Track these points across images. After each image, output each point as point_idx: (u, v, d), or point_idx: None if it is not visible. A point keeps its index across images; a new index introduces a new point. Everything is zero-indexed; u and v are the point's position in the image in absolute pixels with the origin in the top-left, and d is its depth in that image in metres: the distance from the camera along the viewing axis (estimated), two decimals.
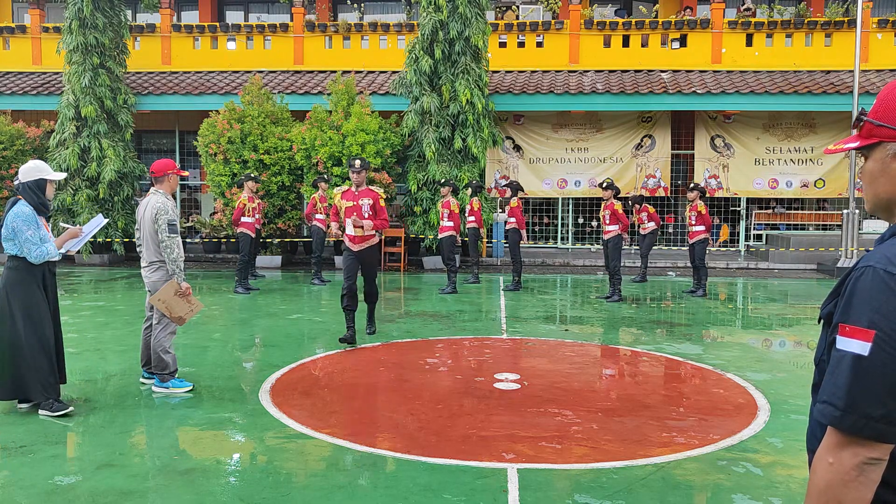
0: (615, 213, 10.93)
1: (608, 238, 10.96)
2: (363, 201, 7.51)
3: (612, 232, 10.92)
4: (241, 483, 4.06)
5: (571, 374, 6.54)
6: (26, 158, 15.44)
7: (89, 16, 15.15)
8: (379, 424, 5.07)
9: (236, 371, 6.69)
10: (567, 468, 4.28)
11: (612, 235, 10.92)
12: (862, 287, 1.34)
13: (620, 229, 10.96)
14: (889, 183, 1.44)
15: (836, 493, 1.33)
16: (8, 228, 5.06)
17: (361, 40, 17.62)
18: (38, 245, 5.05)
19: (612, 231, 10.92)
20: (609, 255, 10.93)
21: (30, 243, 5.03)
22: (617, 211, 10.94)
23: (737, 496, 3.92)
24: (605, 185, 11.17)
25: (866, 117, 1.46)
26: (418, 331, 8.48)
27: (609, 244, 10.93)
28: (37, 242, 5.05)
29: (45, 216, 5.29)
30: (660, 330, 8.72)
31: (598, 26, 17.06)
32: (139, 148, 18.29)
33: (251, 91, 15.05)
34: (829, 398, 1.35)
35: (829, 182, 16.69)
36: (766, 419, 5.24)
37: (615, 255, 10.86)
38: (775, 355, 7.63)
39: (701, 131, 16.89)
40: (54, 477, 4.08)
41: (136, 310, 9.72)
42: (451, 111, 14.62)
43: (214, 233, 15.97)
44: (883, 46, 16.54)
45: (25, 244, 5.02)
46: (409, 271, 14.68)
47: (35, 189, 5.19)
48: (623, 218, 11.03)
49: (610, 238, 10.93)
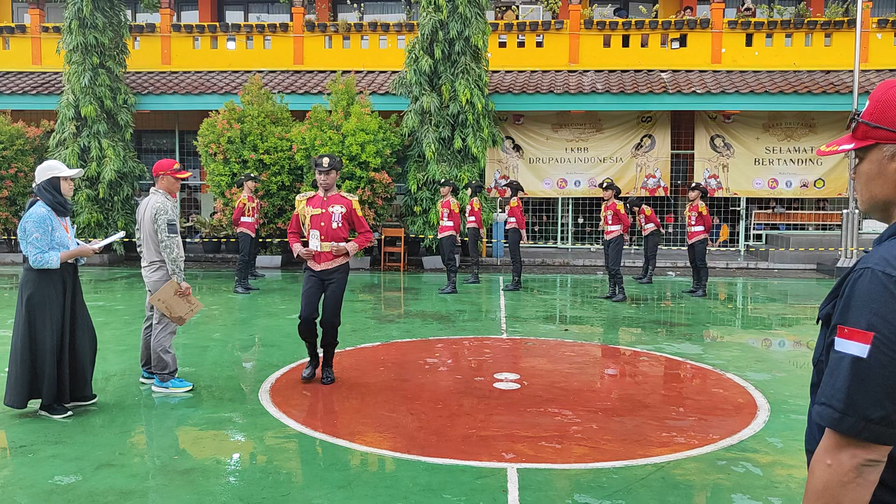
0: (617, 213, 10.93)
1: (610, 238, 10.95)
2: (334, 209, 6.03)
3: (615, 232, 10.91)
4: (241, 483, 4.06)
5: (571, 374, 6.54)
6: (26, 158, 15.47)
7: (89, 15, 15.15)
8: (379, 424, 5.07)
9: (236, 371, 6.69)
10: (567, 468, 4.28)
11: (613, 236, 10.91)
12: (860, 289, 1.34)
13: (622, 230, 10.97)
14: (886, 184, 1.44)
15: (834, 494, 1.33)
16: (21, 228, 5.04)
17: (361, 40, 17.62)
18: (41, 251, 4.98)
19: (615, 231, 10.92)
20: (609, 255, 10.92)
21: (32, 247, 4.98)
22: (619, 211, 10.95)
23: (736, 496, 3.92)
24: (606, 186, 11.17)
25: (860, 118, 1.46)
26: (418, 330, 8.48)
27: (610, 244, 10.93)
28: (40, 248, 4.98)
29: (65, 216, 5.24)
30: (660, 330, 8.72)
31: (597, 26, 17.07)
32: (139, 148, 18.29)
33: (251, 91, 15.05)
34: (827, 400, 1.35)
35: (828, 182, 16.69)
36: (765, 419, 5.24)
37: (616, 256, 10.85)
38: (775, 355, 7.64)
39: (701, 131, 16.90)
40: (54, 477, 4.08)
41: (135, 310, 9.73)
42: (450, 111, 14.62)
43: (214, 233, 15.97)
44: (883, 46, 16.54)
45: (29, 246, 5.00)
46: (408, 271, 14.69)
47: (49, 188, 5.15)
48: (625, 218, 11.03)
49: (612, 238, 10.92)
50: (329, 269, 6.04)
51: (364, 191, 14.32)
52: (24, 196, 15.51)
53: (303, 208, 6.11)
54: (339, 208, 6.04)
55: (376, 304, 10.64)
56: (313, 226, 6.03)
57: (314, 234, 6.01)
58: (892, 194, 1.44)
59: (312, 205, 6.08)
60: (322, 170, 5.97)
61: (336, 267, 6.05)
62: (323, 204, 6.04)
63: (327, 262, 6.02)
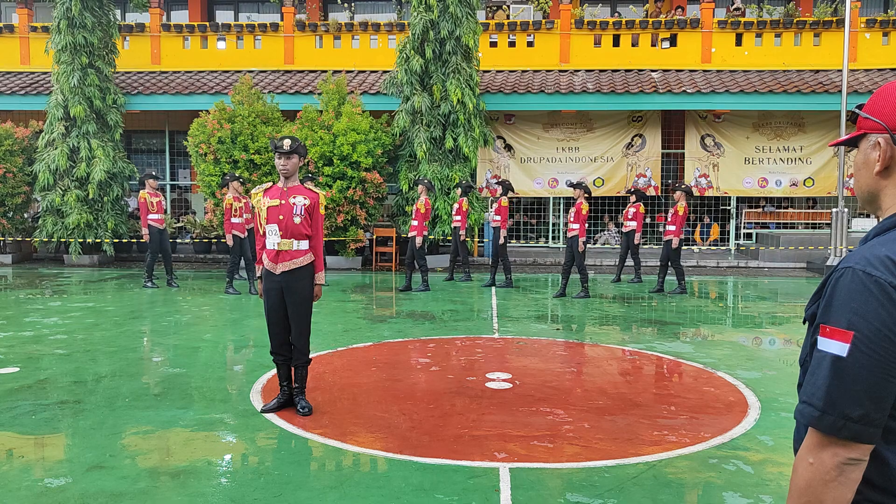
0: (578, 212, 10.91)
1: (571, 237, 10.94)
2: (295, 200, 5.15)
3: (574, 231, 10.91)
4: (233, 484, 4.04)
5: (563, 374, 6.55)
6: (15, 159, 15.36)
7: (78, 15, 15.06)
8: (371, 424, 5.06)
9: (227, 372, 6.67)
10: (559, 467, 4.28)
11: (573, 234, 10.92)
12: (841, 288, 1.35)
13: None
14: (869, 174, 1.47)
15: (817, 492, 1.34)
16: None
17: (352, 40, 17.59)
18: None
19: (575, 230, 10.91)
20: (576, 253, 10.94)
21: None
22: (580, 211, 10.88)
23: (728, 494, 3.93)
24: (575, 185, 11.20)
25: (859, 111, 1.49)
26: (410, 330, 8.47)
27: (571, 243, 10.95)
28: None
29: None
30: (650, 328, 8.75)
31: (588, 26, 17.10)
32: (129, 148, 18.21)
33: (241, 91, 14.99)
34: (808, 398, 1.36)
35: (818, 181, 16.78)
36: (756, 417, 5.27)
37: (581, 254, 10.91)
38: (765, 353, 7.67)
39: (691, 130, 16.96)
40: (44, 479, 4.05)
41: (125, 311, 9.69)
42: (442, 111, 14.62)
43: (205, 233, 15.91)
44: (871, 46, 16.64)
45: None
46: (400, 271, 14.67)
47: None
48: (583, 219, 10.98)
49: (572, 237, 10.92)
50: (289, 269, 5.14)
51: (355, 191, 14.31)
52: (13, 197, 15.41)
53: (258, 201, 5.23)
54: (302, 200, 5.16)
55: (368, 305, 10.63)
56: (270, 219, 5.15)
57: (271, 230, 5.15)
58: (873, 184, 1.46)
59: (270, 195, 5.20)
60: (282, 152, 5.07)
61: (299, 268, 5.15)
62: (283, 195, 5.16)
63: (287, 261, 5.14)
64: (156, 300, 10.70)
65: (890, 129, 1.41)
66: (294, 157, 5.13)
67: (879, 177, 1.45)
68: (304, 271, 5.18)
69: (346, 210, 14.41)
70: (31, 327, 8.47)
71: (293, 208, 5.13)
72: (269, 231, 5.17)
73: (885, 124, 1.41)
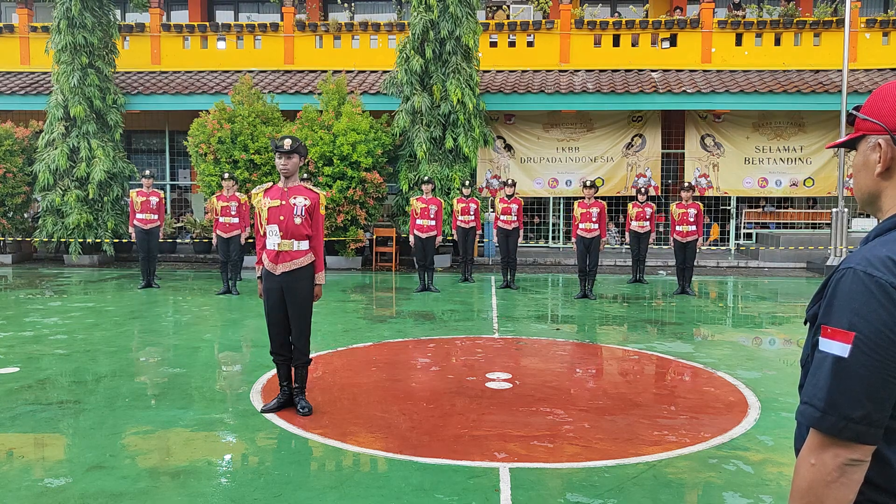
0: (603, 212, 11.20)
1: (593, 237, 11.11)
2: (296, 200, 5.17)
3: (596, 231, 11.13)
4: (233, 484, 4.04)
5: (563, 374, 6.55)
6: (15, 159, 15.36)
7: (78, 15, 15.05)
8: (370, 424, 5.06)
9: (227, 372, 6.67)
10: (559, 467, 4.28)
11: (595, 234, 11.13)
12: (842, 289, 1.35)
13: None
14: (868, 175, 1.46)
15: (819, 493, 1.33)
16: None
17: (352, 40, 17.59)
18: None
19: (596, 230, 11.14)
20: (596, 253, 11.20)
21: None
22: (604, 211, 11.23)
23: (728, 494, 3.93)
24: (589, 184, 11.29)
25: (856, 113, 1.49)
26: (410, 330, 8.47)
27: (591, 243, 11.10)
28: None
29: None
30: (651, 328, 8.75)
31: (588, 26, 17.10)
32: (129, 148, 18.20)
33: (241, 91, 14.99)
34: (809, 399, 1.36)
35: (818, 181, 16.78)
36: (756, 417, 5.26)
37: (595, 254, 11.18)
38: (765, 353, 7.67)
39: (691, 130, 16.96)
40: (44, 479, 4.05)
41: (125, 311, 9.69)
42: (442, 111, 14.62)
43: (205, 233, 15.90)
44: (871, 46, 16.64)
45: None
46: (400, 271, 14.67)
47: None
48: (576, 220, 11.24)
49: (595, 237, 11.10)
50: (290, 270, 5.15)
51: (355, 191, 14.30)
52: (13, 197, 15.41)
53: (259, 201, 5.25)
54: (303, 200, 5.17)
55: (368, 305, 10.63)
56: (271, 220, 5.16)
57: (272, 230, 5.16)
58: (873, 186, 1.46)
59: (270, 196, 5.22)
60: (283, 151, 5.06)
61: (299, 268, 5.16)
62: (283, 195, 5.17)
63: (287, 262, 5.15)
64: (156, 300, 10.70)
65: (890, 130, 1.41)
66: (294, 157, 5.13)
67: (880, 178, 1.44)
68: (305, 272, 5.18)
69: (346, 210, 14.41)
70: (31, 327, 8.47)
71: (294, 209, 5.14)
72: (270, 231, 5.17)
73: (885, 125, 1.41)
